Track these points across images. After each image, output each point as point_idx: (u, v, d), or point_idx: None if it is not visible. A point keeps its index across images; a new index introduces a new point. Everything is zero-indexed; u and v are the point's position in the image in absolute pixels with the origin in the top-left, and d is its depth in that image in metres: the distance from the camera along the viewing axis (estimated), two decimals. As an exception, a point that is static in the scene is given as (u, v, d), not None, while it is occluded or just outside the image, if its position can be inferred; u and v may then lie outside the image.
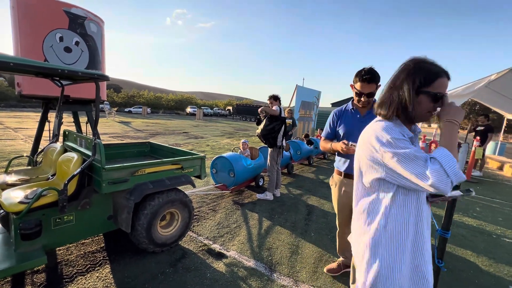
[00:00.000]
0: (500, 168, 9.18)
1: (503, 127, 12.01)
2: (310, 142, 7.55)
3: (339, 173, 2.19)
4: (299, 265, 2.56)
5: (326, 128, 2.27)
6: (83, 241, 2.64)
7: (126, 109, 36.54)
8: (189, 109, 41.33)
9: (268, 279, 2.32)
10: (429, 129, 35.12)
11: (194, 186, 2.88)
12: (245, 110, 36.74)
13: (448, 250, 3.05)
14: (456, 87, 7.01)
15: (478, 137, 6.98)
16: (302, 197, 4.54)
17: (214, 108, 50.01)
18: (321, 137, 2.34)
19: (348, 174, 2.10)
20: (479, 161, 7.53)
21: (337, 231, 2.43)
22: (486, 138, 7.33)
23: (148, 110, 37.43)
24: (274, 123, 4.16)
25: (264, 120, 4.26)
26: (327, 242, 3.04)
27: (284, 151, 4.58)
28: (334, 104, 58.98)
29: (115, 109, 31.75)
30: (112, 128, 14.02)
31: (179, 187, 2.76)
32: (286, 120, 5.29)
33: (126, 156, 3.57)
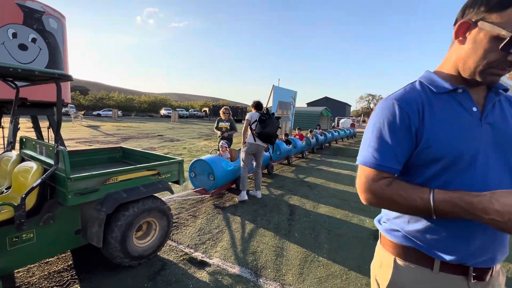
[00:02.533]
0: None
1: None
2: (288, 142, 7.58)
3: (452, 269, 0.79)
4: (284, 268, 2.50)
5: (380, 145, 0.82)
6: (47, 260, 2.37)
7: (95, 113, 34.55)
8: (163, 111, 40.00)
9: (254, 285, 2.24)
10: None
11: (172, 192, 2.72)
12: (222, 111, 36.35)
13: None
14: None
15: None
16: (284, 197, 4.51)
17: (190, 110, 48.90)
18: (363, 165, 0.85)
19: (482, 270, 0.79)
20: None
21: None
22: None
23: (119, 113, 35.69)
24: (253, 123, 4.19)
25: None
26: (311, 242, 3.02)
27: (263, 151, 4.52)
28: (310, 104, 60.41)
29: (82, 112, 29.86)
30: (79, 133, 13.11)
31: (156, 194, 2.58)
32: (222, 124, 5.32)
33: (95, 163, 3.29)
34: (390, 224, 0.90)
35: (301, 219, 3.64)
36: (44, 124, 3.59)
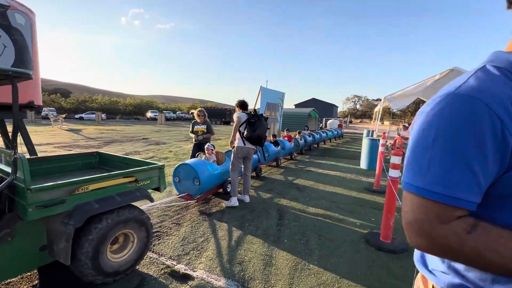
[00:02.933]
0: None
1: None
2: (276, 143, 7.48)
3: None
4: (274, 278, 2.36)
5: (455, 165, 0.52)
6: (8, 280, 2.12)
7: (77, 116, 33.40)
8: (149, 114, 39.16)
9: (241, 299, 2.08)
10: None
11: (151, 200, 2.52)
12: (210, 113, 35.92)
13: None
14: (405, 88, 7.52)
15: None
16: (272, 201, 4.38)
17: (177, 112, 48.15)
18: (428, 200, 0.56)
19: None
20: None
21: None
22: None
23: (103, 116, 34.67)
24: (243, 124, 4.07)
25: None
26: (301, 248, 2.90)
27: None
28: (298, 105, 60.88)
29: (63, 115, 28.73)
30: (58, 137, 12.52)
31: (134, 203, 2.38)
32: (197, 127, 5.04)
33: (68, 170, 3.03)
34: (454, 276, 0.61)
35: (291, 224, 3.51)
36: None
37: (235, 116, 4.09)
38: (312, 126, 25.99)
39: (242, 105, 4.17)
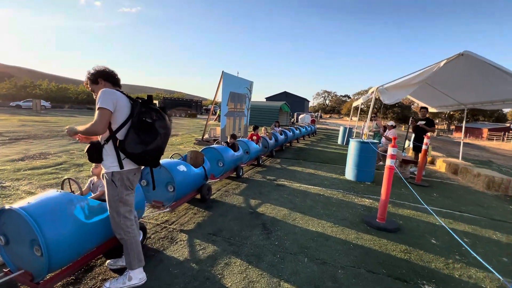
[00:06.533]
0: (432, 162, 9.02)
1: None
2: (234, 147, 5.42)
3: None
4: None
5: None
6: None
7: (13, 103, 28.30)
8: (105, 103, 34.65)
9: None
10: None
11: None
12: (174, 104, 32.87)
13: None
14: (400, 77, 5.98)
15: (428, 134, 6.13)
16: (218, 263, 2.42)
17: (139, 102, 43.70)
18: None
19: None
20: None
21: None
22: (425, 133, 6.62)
23: (47, 104, 29.87)
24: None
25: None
26: None
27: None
28: (269, 99, 59.35)
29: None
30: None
31: None
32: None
33: None
34: None
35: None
36: None
37: (99, 95, 1.87)
38: (284, 121, 24.47)
39: (107, 75, 2.05)
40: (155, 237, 2.81)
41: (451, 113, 44.82)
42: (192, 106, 31.79)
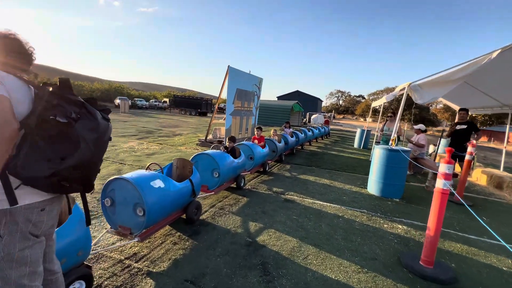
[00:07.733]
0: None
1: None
2: (234, 152, 4.55)
3: None
4: None
5: None
6: None
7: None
8: (117, 101, 34.76)
9: None
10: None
11: None
12: (184, 103, 32.40)
13: None
14: (438, 72, 4.94)
15: (473, 141, 5.02)
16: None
17: (151, 100, 43.78)
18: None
19: None
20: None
21: None
22: (468, 140, 5.52)
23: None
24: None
25: None
26: None
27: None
28: (281, 98, 58.14)
29: None
30: None
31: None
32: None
33: None
34: None
35: None
36: None
37: None
38: (295, 121, 23.45)
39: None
40: (108, 285, 2.01)
41: (474, 115, 42.06)
42: (202, 104, 31.20)
